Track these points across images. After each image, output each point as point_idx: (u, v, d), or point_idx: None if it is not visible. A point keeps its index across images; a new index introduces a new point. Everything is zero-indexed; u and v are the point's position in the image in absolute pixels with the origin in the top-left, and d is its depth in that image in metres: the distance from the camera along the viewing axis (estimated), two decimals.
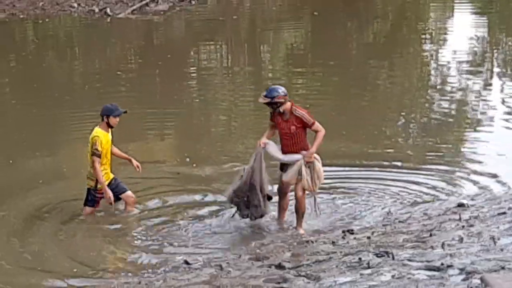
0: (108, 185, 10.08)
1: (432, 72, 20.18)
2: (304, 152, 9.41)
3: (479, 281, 6.23)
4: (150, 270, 8.61)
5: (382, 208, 10.28)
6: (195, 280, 7.83)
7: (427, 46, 23.40)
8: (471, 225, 8.74)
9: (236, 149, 13.22)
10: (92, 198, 10.20)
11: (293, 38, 24.89)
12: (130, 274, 8.48)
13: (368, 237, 8.83)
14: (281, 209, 9.91)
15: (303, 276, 7.40)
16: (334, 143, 12.47)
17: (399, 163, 12.04)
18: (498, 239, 7.89)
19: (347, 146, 12.95)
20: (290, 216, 9.97)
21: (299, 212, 9.68)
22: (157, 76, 19.49)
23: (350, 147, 12.93)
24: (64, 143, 14.05)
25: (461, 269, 6.78)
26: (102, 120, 10.07)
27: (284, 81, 19.08)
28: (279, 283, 7.27)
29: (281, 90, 9.38)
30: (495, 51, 22.49)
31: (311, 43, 24.56)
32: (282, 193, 9.81)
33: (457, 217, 9.20)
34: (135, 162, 10.40)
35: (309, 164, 9.39)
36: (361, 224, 9.73)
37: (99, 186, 10.08)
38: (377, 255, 7.76)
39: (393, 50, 22.27)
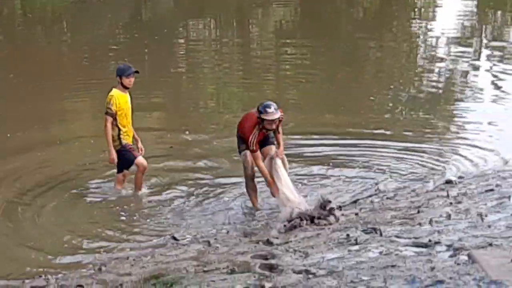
0: (127, 148, 10.01)
1: (422, 46, 20.17)
2: (278, 151, 9.32)
3: (466, 258, 6.23)
4: (138, 246, 8.59)
5: (370, 184, 10.27)
6: (183, 256, 7.82)
7: (416, 20, 23.36)
8: (459, 202, 8.76)
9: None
10: (128, 155, 10.02)
11: (282, 12, 24.82)
12: (117, 249, 8.46)
13: (356, 214, 8.84)
14: (256, 193, 9.81)
15: (291, 252, 7.40)
16: (324, 116, 12.51)
17: (387, 139, 12.05)
18: (486, 215, 7.91)
19: (337, 119, 12.96)
20: None
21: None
22: (149, 50, 19.47)
23: (339, 120, 12.94)
24: (61, 115, 14.17)
25: (449, 246, 6.78)
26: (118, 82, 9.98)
27: (273, 55, 19.09)
28: (267, 259, 7.26)
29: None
30: (483, 25, 22.48)
31: (301, 17, 24.49)
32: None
33: (445, 194, 9.21)
34: (140, 145, 10.30)
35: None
36: (349, 199, 9.73)
37: (123, 142, 9.96)
38: (365, 231, 7.77)
39: (383, 24, 22.23)
